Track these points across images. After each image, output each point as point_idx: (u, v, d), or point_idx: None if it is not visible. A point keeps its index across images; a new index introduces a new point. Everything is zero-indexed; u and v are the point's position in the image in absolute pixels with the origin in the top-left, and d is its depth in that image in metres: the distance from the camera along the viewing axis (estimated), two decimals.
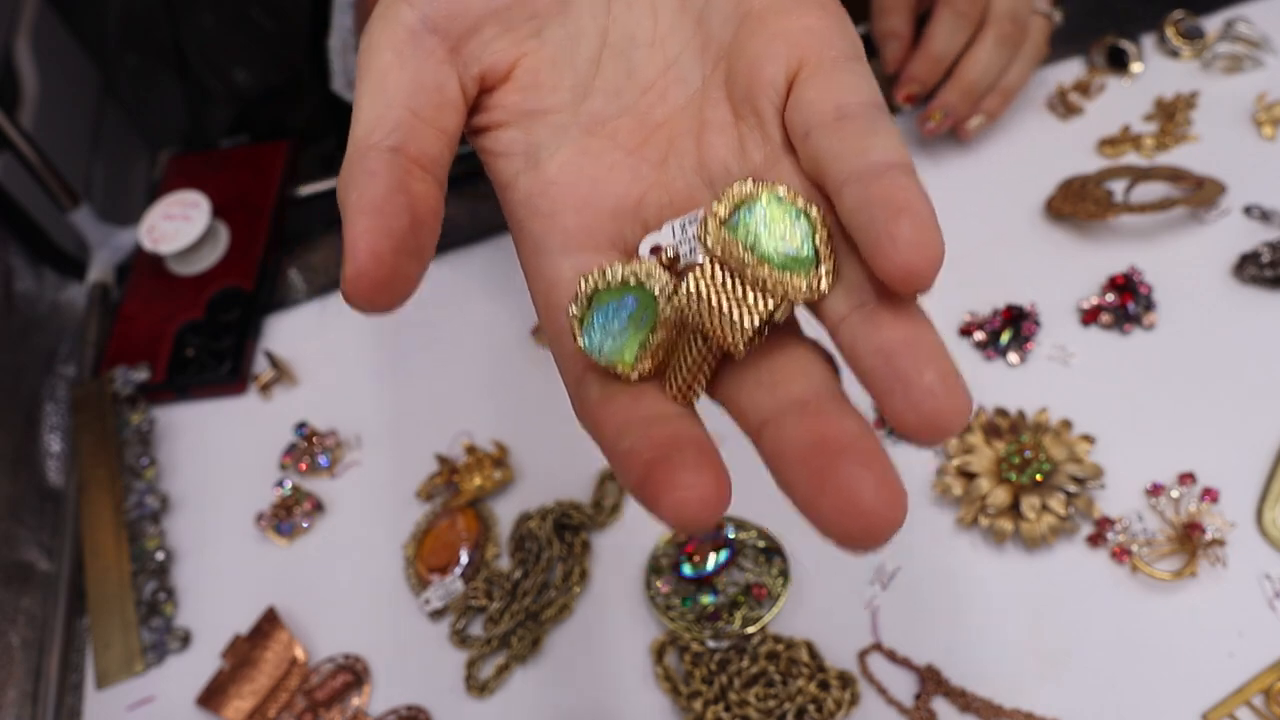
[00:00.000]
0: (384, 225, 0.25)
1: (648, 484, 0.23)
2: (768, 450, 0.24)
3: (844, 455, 0.22)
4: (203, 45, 0.90)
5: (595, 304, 0.26)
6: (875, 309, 0.24)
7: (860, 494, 0.21)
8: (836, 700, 0.48)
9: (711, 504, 0.22)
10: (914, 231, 0.23)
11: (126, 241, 0.75)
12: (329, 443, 0.62)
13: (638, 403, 0.26)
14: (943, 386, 0.22)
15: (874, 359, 0.23)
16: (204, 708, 0.53)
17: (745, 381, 0.25)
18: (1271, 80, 0.66)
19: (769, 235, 0.25)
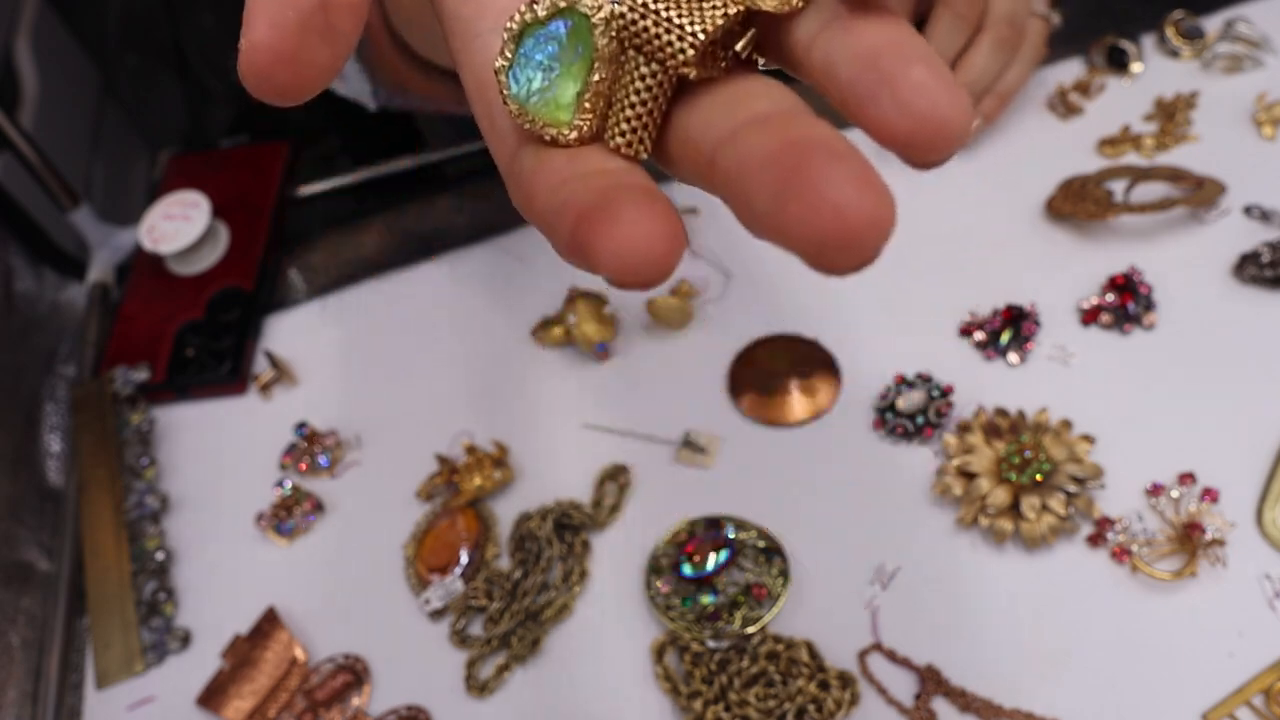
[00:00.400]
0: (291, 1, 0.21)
1: (579, 231, 0.19)
2: (722, 172, 0.19)
3: (814, 153, 0.18)
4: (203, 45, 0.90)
5: (523, 42, 0.22)
6: (851, 18, 0.20)
7: (836, 191, 0.17)
8: (836, 700, 0.48)
9: (662, 242, 0.18)
10: None
11: (126, 241, 0.75)
12: (329, 443, 0.62)
13: (574, 160, 0.21)
14: (935, 81, 0.18)
15: (852, 67, 0.19)
16: (204, 708, 0.53)
17: (698, 113, 0.21)
18: (1271, 80, 0.66)
19: None
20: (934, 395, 0.56)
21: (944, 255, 0.62)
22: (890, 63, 0.18)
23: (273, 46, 0.21)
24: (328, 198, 0.77)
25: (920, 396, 0.56)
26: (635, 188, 0.19)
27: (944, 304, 0.60)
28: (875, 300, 0.61)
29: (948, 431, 0.55)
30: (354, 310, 0.69)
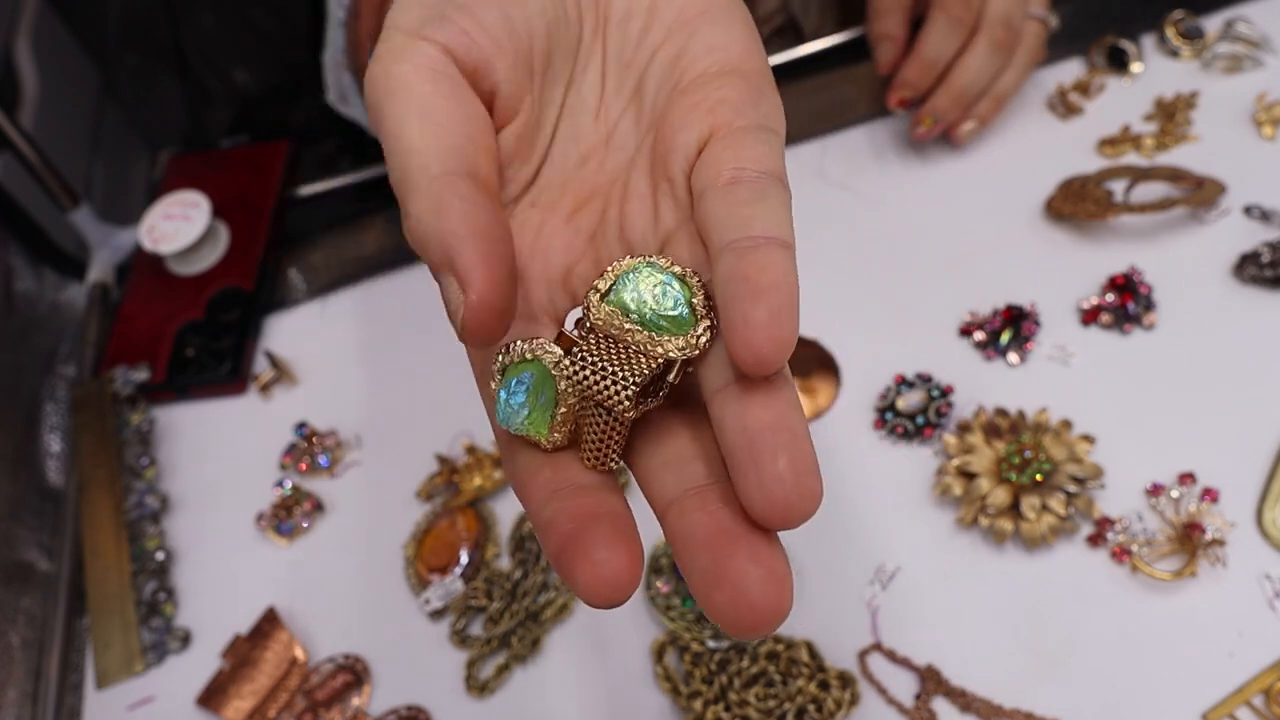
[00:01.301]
0: (495, 250, 0.25)
1: (562, 558, 0.24)
2: (671, 533, 0.25)
3: (737, 547, 0.23)
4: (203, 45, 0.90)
5: (505, 378, 0.27)
6: (748, 386, 0.24)
7: (750, 588, 0.23)
8: (836, 700, 0.48)
9: (622, 581, 0.23)
10: (766, 315, 0.23)
11: (126, 241, 0.75)
12: (329, 443, 0.62)
13: (561, 473, 0.26)
14: (793, 474, 0.23)
15: (735, 438, 0.23)
16: (204, 708, 0.53)
17: (654, 460, 0.26)
18: (1271, 80, 0.66)
19: (643, 302, 0.25)
20: (934, 395, 0.56)
21: (944, 255, 0.62)
22: (761, 449, 0.23)
23: (495, 303, 0.24)
24: (328, 198, 0.77)
25: (920, 396, 0.56)
26: (605, 518, 0.24)
27: (944, 304, 0.60)
28: (875, 300, 0.61)
29: (948, 431, 0.55)
30: (354, 310, 0.69)
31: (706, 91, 0.28)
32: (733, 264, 0.24)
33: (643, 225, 0.29)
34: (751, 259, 0.24)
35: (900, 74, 0.63)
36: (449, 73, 0.27)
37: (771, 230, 0.24)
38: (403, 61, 0.27)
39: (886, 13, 0.64)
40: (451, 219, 0.25)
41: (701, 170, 0.27)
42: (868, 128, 0.70)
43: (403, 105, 0.27)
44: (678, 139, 0.28)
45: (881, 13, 0.64)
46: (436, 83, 0.27)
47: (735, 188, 0.26)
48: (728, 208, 0.25)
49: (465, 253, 0.24)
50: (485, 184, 0.26)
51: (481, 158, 0.27)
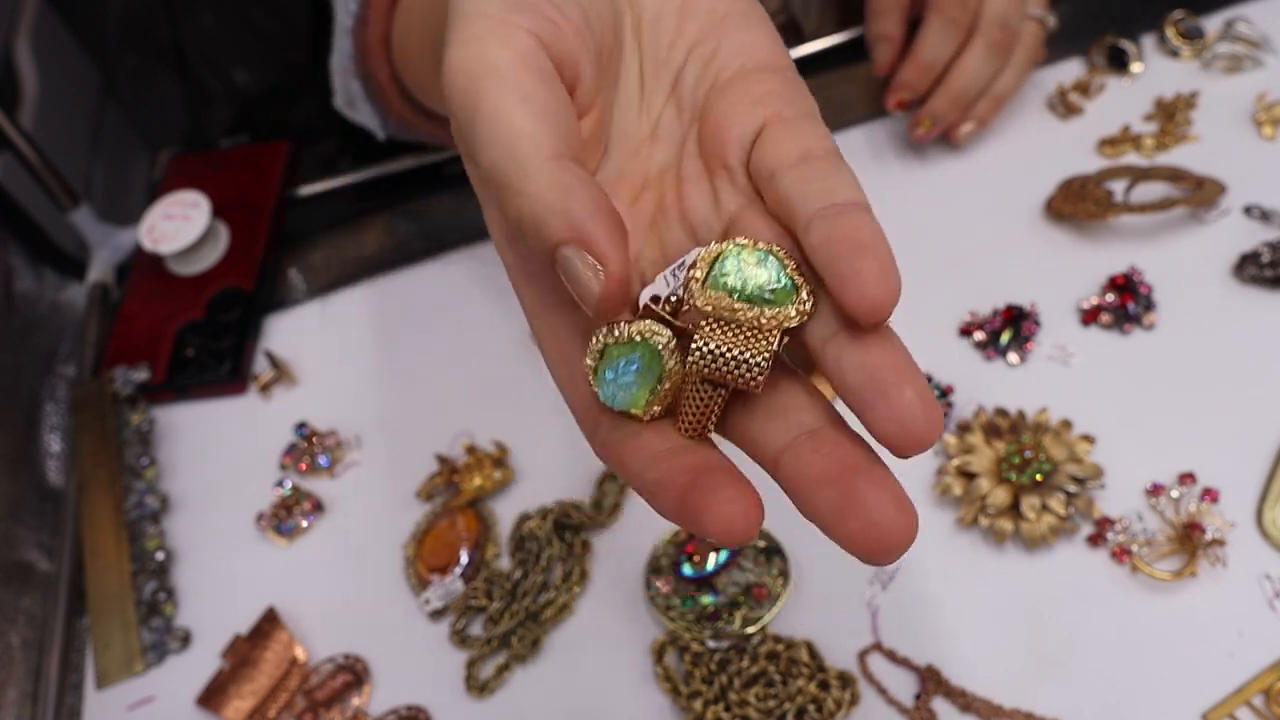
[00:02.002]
0: (620, 228, 0.26)
1: (687, 507, 0.25)
2: (787, 476, 0.26)
3: (861, 479, 0.25)
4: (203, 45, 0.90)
5: (605, 358, 0.28)
6: (860, 331, 0.26)
7: (881, 514, 0.24)
8: (836, 700, 0.48)
9: (752, 515, 0.25)
10: (876, 267, 0.24)
11: (126, 241, 0.75)
12: (329, 443, 0.62)
13: (659, 437, 0.27)
14: (920, 403, 0.24)
15: (858, 375, 0.25)
16: (204, 708, 0.53)
17: (755, 416, 0.28)
18: (1271, 80, 0.66)
19: (746, 280, 0.27)
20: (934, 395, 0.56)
21: (944, 255, 0.62)
22: (889, 382, 0.25)
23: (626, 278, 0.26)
24: (328, 197, 0.77)
25: None
26: (718, 469, 0.26)
27: (944, 304, 0.60)
28: None
29: (948, 431, 0.55)
30: (354, 310, 0.69)
31: (750, 85, 0.30)
32: (829, 228, 0.26)
33: (703, 208, 0.30)
34: (846, 220, 0.26)
35: (898, 75, 0.63)
36: (541, 62, 0.28)
37: (855, 197, 0.26)
38: (497, 45, 0.28)
39: (883, 14, 0.64)
40: (579, 197, 0.26)
41: (765, 155, 0.28)
42: (867, 128, 0.70)
43: (503, 88, 0.27)
44: (731, 130, 0.30)
45: (878, 14, 0.64)
46: (530, 70, 0.28)
47: (807, 165, 0.27)
48: (806, 183, 0.27)
49: (599, 229, 0.25)
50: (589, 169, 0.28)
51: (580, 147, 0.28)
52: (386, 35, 0.56)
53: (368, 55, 0.56)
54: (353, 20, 0.58)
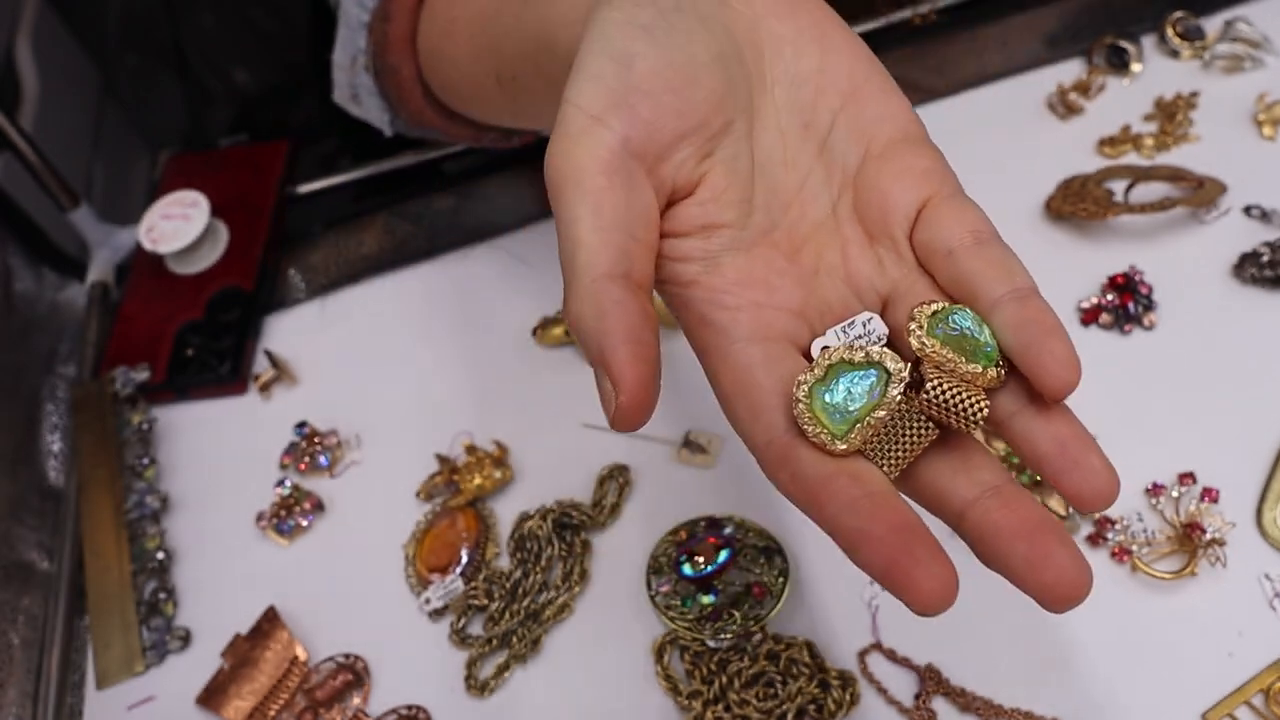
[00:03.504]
0: (643, 353, 0.28)
1: (893, 571, 0.27)
2: (975, 528, 0.29)
3: (1052, 537, 0.27)
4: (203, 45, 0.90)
5: (837, 372, 0.30)
6: (1043, 406, 0.29)
7: (1070, 569, 0.27)
8: (836, 700, 0.48)
9: (952, 593, 0.27)
10: (1065, 351, 0.28)
11: (126, 241, 0.75)
12: (329, 442, 0.62)
13: (855, 481, 0.29)
14: (1105, 468, 0.28)
15: (1049, 446, 0.29)
16: (204, 708, 0.53)
17: (941, 470, 0.30)
18: (1271, 80, 0.66)
19: (967, 337, 0.29)
20: None
21: None
22: (1077, 451, 0.28)
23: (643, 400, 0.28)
24: (327, 196, 0.77)
25: None
26: (918, 533, 0.27)
27: None
28: None
29: None
30: (354, 310, 0.69)
31: (908, 160, 0.33)
32: (1018, 312, 0.29)
33: (867, 272, 0.33)
34: (1032, 307, 0.29)
35: None
36: (623, 165, 0.30)
37: (1030, 282, 0.30)
38: (582, 148, 0.30)
39: None
40: (607, 322, 0.28)
41: (937, 231, 0.32)
42: None
43: (576, 196, 0.30)
44: (896, 203, 0.33)
45: None
46: (610, 175, 0.30)
47: (984, 248, 0.31)
48: (989, 265, 0.30)
49: (618, 357, 0.28)
50: (639, 283, 0.30)
51: (641, 255, 0.30)
52: (411, 33, 0.56)
53: (388, 50, 0.56)
54: (369, 15, 0.58)
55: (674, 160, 0.32)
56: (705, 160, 0.32)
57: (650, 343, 0.29)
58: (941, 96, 0.71)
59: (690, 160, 0.32)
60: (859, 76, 0.34)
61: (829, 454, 0.29)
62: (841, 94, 0.34)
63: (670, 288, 0.33)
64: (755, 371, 0.31)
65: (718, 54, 0.32)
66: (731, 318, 0.32)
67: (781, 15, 0.34)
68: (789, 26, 0.34)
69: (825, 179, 0.34)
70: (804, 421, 0.29)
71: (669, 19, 0.32)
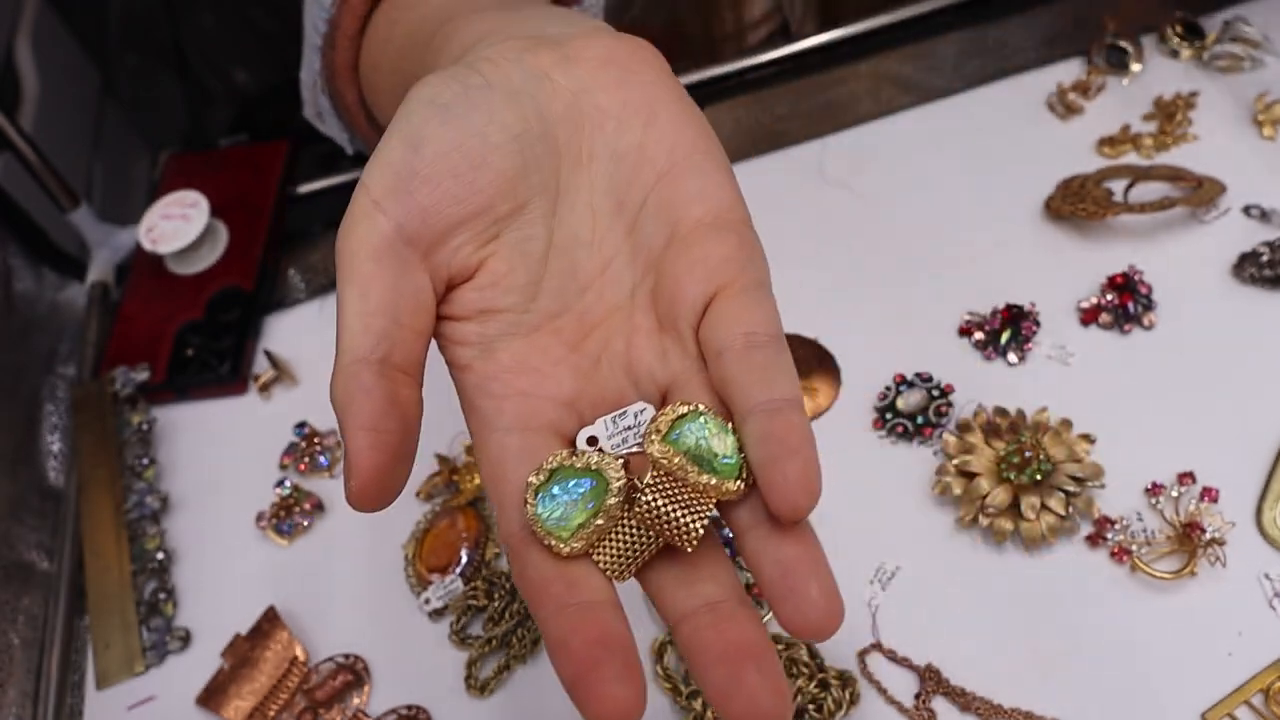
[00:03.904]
0: (380, 440, 0.28)
1: (578, 688, 0.27)
2: (685, 645, 0.28)
3: (747, 664, 0.27)
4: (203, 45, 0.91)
5: (555, 477, 0.30)
6: (776, 525, 0.28)
7: (761, 698, 0.26)
8: (836, 700, 0.48)
9: (630, 713, 0.26)
10: (801, 472, 0.27)
11: (126, 241, 0.75)
12: (329, 443, 0.62)
13: (573, 587, 0.29)
14: (823, 598, 0.27)
15: (772, 570, 0.28)
16: (204, 707, 0.53)
17: (666, 577, 0.30)
18: (1271, 80, 0.66)
19: (704, 446, 0.29)
20: (934, 395, 0.56)
21: (944, 255, 0.62)
22: (797, 578, 0.27)
23: (375, 486, 0.29)
24: (327, 196, 0.77)
25: (920, 396, 0.56)
26: (616, 650, 0.27)
27: (944, 304, 0.60)
28: (875, 300, 0.61)
29: (947, 431, 0.55)
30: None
31: (707, 248, 0.31)
32: (764, 426, 0.28)
33: (650, 362, 0.32)
34: (780, 421, 0.28)
35: None
36: (394, 251, 0.31)
37: (790, 393, 0.29)
38: (357, 232, 0.31)
39: None
40: (352, 407, 0.29)
41: (715, 330, 0.30)
42: (868, 128, 0.70)
43: (346, 279, 0.31)
44: (685, 294, 0.31)
45: None
46: (379, 260, 0.31)
47: (752, 353, 0.29)
48: (749, 372, 0.29)
49: (355, 443, 0.28)
50: (400, 368, 0.30)
51: (405, 340, 0.30)
52: (354, 61, 0.56)
53: (335, 77, 0.57)
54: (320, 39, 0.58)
55: (450, 245, 0.31)
56: (489, 244, 0.32)
57: (393, 430, 0.29)
58: (941, 96, 0.71)
59: (468, 245, 0.32)
60: (679, 153, 0.32)
61: (556, 556, 0.29)
62: (658, 171, 0.32)
63: (452, 370, 0.33)
64: (507, 464, 0.31)
65: (518, 134, 0.32)
66: (496, 406, 0.32)
67: (609, 88, 0.33)
68: (615, 99, 0.33)
69: (630, 260, 0.33)
70: (532, 523, 0.29)
71: (471, 97, 0.31)
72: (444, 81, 0.32)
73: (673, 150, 0.32)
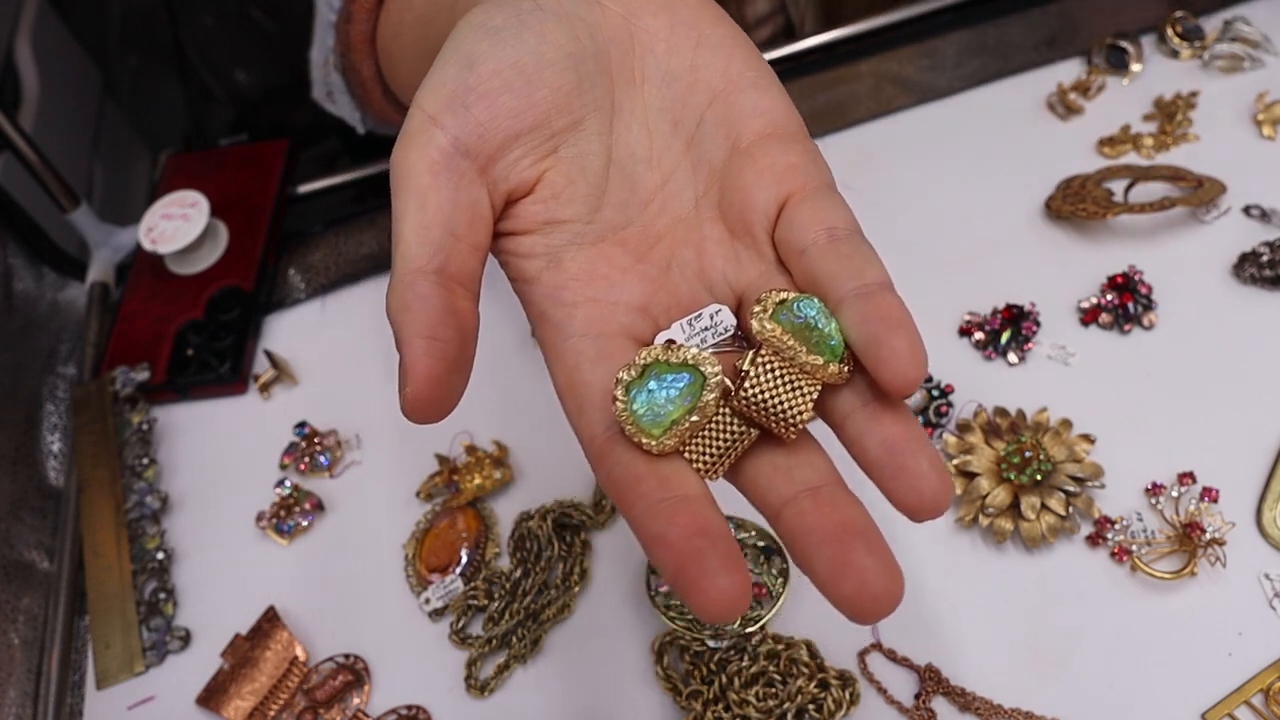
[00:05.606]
0: (438, 348, 0.28)
1: (683, 578, 0.26)
2: (788, 530, 0.28)
3: (858, 542, 0.26)
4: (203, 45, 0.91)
5: (651, 373, 0.29)
6: (877, 407, 0.28)
7: (872, 578, 0.26)
8: (836, 700, 0.48)
9: (741, 603, 0.26)
10: (908, 345, 0.27)
11: (126, 241, 0.75)
12: (329, 443, 0.62)
13: (665, 482, 0.28)
14: (934, 472, 0.27)
15: (879, 450, 0.27)
16: (204, 707, 0.53)
17: (763, 467, 0.29)
18: (1271, 80, 0.66)
19: (813, 325, 0.28)
20: (934, 395, 0.56)
21: (944, 255, 0.62)
22: (905, 455, 0.27)
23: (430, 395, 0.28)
24: (327, 196, 0.77)
25: (920, 396, 0.56)
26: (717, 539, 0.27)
27: (944, 304, 0.60)
28: None
29: (948, 431, 0.55)
30: (354, 310, 0.69)
31: (773, 156, 0.32)
32: (864, 307, 0.28)
33: (723, 268, 0.32)
34: (879, 301, 0.28)
35: None
36: (453, 164, 0.31)
37: (883, 277, 0.29)
38: (415, 148, 0.31)
39: None
40: (408, 315, 0.29)
41: (793, 229, 0.31)
42: (868, 128, 0.70)
43: (404, 193, 0.30)
44: (755, 201, 0.32)
45: None
46: (436, 174, 0.30)
47: (837, 245, 0.30)
48: (839, 261, 0.29)
49: (411, 350, 0.28)
50: (455, 279, 0.30)
51: (461, 252, 0.30)
52: (372, 33, 0.57)
53: (350, 51, 0.57)
54: (335, 15, 0.58)
55: (507, 159, 0.32)
56: (547, 158, 0.32)
57: (450, 339, 0.29)
58: (941, 96, 0.71)
59: (526, 159, 0.32)
60: (733, 72, 0.33)
61: (646, 454, 0.29)
62: (713, 91, 0.33)
63: (517, 285, 0.33)
64: (584, 368, 0.31)
65: (571, 52, 0.32)
66: (568, 314, 0.32)
67: (656, 11, 0.34)
68: (663, 22, 0.34)
69: (691, 176, 0.34)
70: (622, 421, 0.29)
71: (523, 19, 0.32)
72: (494, 7, 0.33)
73: (726, 70, 0.33)
